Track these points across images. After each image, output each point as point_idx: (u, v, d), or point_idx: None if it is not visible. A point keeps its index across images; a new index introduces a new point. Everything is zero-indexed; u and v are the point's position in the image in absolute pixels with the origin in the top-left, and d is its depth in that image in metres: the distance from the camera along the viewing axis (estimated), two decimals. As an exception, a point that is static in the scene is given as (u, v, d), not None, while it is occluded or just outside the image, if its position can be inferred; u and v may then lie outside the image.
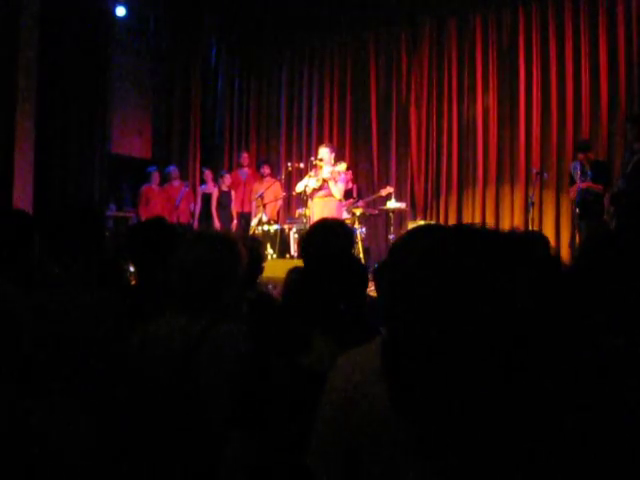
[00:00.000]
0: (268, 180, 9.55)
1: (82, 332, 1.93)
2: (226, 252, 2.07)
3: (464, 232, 0.67)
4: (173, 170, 10.04)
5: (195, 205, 10.02)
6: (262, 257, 3.26)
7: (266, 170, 9.75)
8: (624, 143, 7.83)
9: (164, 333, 2.03)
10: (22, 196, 7.83)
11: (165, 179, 9.98)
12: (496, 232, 0.67)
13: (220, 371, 1.92)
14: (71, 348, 1.93)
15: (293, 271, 3.03)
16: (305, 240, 2.95)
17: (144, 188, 9.71)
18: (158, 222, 2.69)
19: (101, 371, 2.00)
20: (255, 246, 3.20)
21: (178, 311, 2.05)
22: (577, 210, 7.31)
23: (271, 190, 9.21)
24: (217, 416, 1.88)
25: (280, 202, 9.75)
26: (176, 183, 9.90)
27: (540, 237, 4.06)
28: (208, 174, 10.10)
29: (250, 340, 1.99)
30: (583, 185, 7.15)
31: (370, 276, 4.43)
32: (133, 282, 3.08)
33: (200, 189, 10.14)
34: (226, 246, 2.08)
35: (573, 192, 7.34)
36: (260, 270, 3.19)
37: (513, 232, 0.67)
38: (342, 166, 7.88)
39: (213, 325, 1.98)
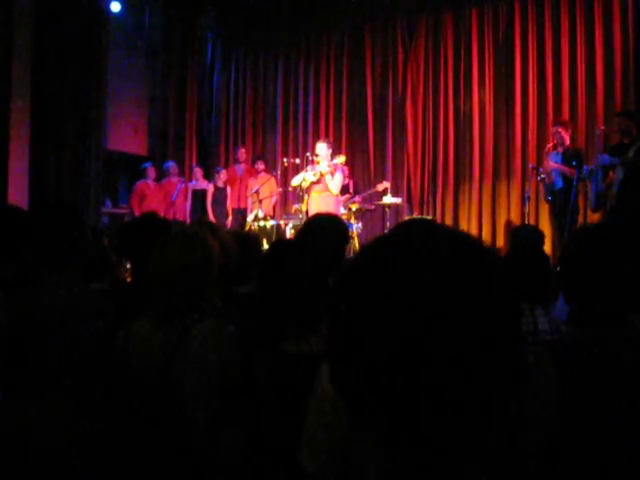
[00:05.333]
0: (263, 176, 9.51)
1: (68, 331, 1.92)
2: (198, 254, 2.04)
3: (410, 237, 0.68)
4: (172, 166, 9.97)
5: (186, 202, 9.94)
6: (256, 253, 3.18)
7: (260, 166, 9.69)
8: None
9: (144, 336, 2.03)
10: (17, 193, 7.82)
11: (163, 175, 9.94)
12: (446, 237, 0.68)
13: (202, 371, 1.92)
14: (57, 347, 1.92)
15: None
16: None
17: (138, 184, 9.65)
18: (150, 218, 2.67)
19: (88, 370, 1.99)
20: (249, 241, 3.14)
21: (156, 314, 2.04)
22: (549, 198, 7.35)
23: (266, 186, 9.19)
24: (203, 415, 1.87)
25: (275, 198, 9.72)
26: (174, 179, 9.84)
27: (535, 231, 4.08)
28: (198, 171, 10.04)
29: (233, 334, 1.98)
30: (553, 165, 7.20)
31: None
32: (129, 279, 3.07)
33: (190, 185, 10.06)
34: (198, 248, 2.06)
35: (546, 165, 7.36)
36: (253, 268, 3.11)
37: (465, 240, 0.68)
38: (341, 159, 7.87)
39: (192, 325, 1.97)
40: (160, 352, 1.95)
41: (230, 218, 9.74)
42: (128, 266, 3.65)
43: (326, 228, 2.91)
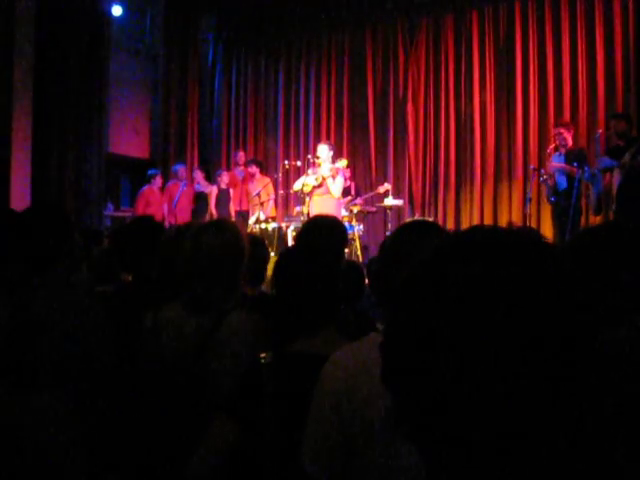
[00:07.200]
0: (260, 179, 9.49)
1: (53, 332, 1.93)
2: (233, 244, 2.08)
3: (466, 235, 0.68)
4: (180, 170, 9.83)
5: (190, 205, 9.90)
6: (264, 256, 3.17)
7: (252, 169, 9.62)
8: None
9: (176, 321, 2.05)
10: (20, 196, 7.83)
11: (169, 177, 9.91)
12: (501, 235, 0.68)
13: (234, 360, 1.94)
14: (44, 348, 1.93)
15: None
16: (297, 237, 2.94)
17: (144, 190, 9.51)
18: (144, 221, 2.68)
19: (94, 368, 2.00)
20: (257, 244, 3.16)
21: (190, 301, 2.06)
22: (552, 199, 7.34)
23: (266, 189, 9.18)
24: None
25: (272, 201, 9.65)
26: (179, 183, 9.74)
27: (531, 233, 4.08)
28: (199, 174, 10.00)
29: (260, 326, 2.00)
30: (556, 165, 7.18)
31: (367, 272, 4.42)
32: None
33: (195, 188, 10.05)
34: (232, 237, 2.10)
35: (548, 165, 7.36)
36: (264, 269, 3.10)
37: (517, 233, 0.68)
38: (343, 162, 7.88)
39: (226, 314, 2.00)
40: (194, 338, 1.98)
41: (232, 221, 9.71)
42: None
43: (324, 230, 2.90)
